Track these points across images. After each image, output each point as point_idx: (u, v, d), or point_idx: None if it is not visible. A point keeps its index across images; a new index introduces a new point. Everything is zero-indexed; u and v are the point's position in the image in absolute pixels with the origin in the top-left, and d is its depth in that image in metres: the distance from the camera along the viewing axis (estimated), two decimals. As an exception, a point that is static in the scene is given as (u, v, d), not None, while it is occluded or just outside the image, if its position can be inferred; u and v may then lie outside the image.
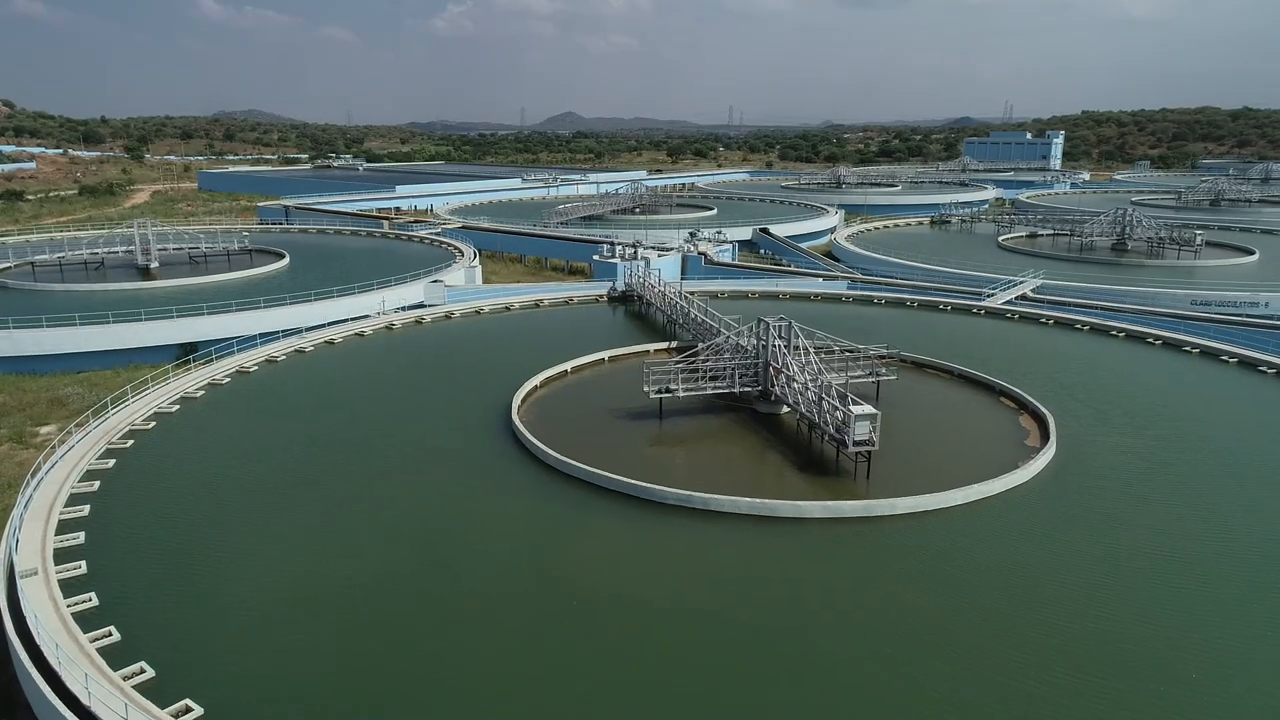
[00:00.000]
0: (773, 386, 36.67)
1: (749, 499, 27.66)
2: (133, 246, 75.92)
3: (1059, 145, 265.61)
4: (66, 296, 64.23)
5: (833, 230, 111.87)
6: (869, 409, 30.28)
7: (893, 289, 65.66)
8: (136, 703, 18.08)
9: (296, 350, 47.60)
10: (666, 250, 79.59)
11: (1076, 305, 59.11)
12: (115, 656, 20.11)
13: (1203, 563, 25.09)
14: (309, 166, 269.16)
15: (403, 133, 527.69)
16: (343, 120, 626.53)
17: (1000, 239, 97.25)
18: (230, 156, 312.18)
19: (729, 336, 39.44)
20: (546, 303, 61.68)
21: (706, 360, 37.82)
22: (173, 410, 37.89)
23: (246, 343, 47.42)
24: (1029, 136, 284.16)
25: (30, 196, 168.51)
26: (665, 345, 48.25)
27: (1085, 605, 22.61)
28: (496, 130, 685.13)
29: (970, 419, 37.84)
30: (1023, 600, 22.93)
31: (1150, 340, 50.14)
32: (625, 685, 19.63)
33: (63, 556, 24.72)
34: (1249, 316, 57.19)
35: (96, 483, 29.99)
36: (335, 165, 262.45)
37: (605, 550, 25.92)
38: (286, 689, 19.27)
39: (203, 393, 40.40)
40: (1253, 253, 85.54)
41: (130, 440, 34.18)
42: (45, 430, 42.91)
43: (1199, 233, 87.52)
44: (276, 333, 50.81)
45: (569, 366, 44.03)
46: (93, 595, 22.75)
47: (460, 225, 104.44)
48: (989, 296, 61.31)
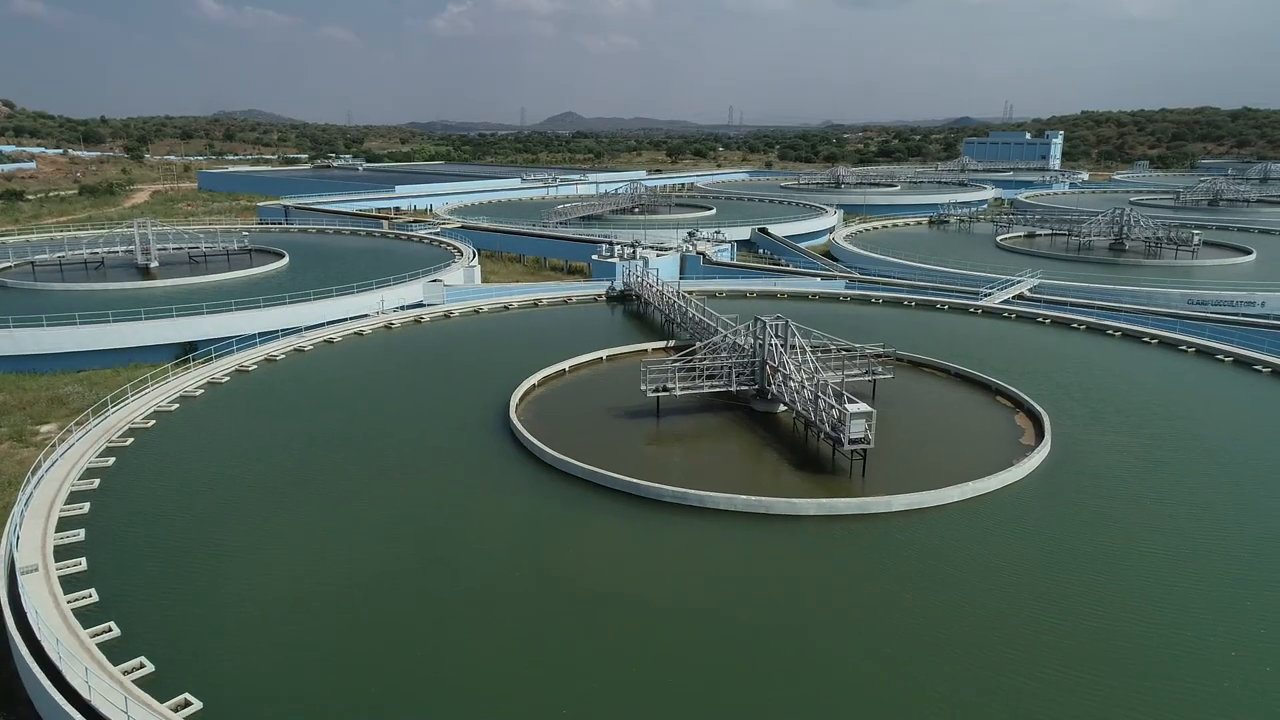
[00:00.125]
0: (769, 385, 36.83)
1: (745, 496, 27.82)
2: (132, 246, 76.16)
3: (1058, 145, 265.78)
4: (66, 296, 64.41)
5: (831, 230, 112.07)
6: (864, 407, 30.47)
7: (890, 288, 65.80)
8: (136, 696, 18.25)
9: (296, 349, 47.77)
10: (665, 250, 79.75)
11: (1073, 305, 59.25)
12: (115, 651, 20.29)
13: (1196, 561, 25.22)
14: (309, 166, 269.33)
15: (403, 133, 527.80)
16: (343, 120, 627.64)
17: (998, 239, 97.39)
18: (230, 156, 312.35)
19: (726, 335, 39.58)
20: (545, 302, 61.84)
21: (704, 359, 37.97)
22: (172, 409, 38.08)
23: (246, 342, 47.62)
24: (1028, 137, 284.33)
25: (30, 196, 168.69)
26: (663, 344, 48.40)
27: (1079, 603, 22.74)
28: (496, 130, 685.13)
29: (966, 417, 37.98)
30: (1016, 597, 23.09)
31: (1146, 339, 50.28)
32: (622, 681, 19.79)
33: (63, 553, 24.90)
34: (1245, 316, 57.32)
35: (96, 480, 30.15)
36: (335, 165, 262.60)
37: (603, 547, 26.08)
38: (285, 685, 19.43)
39: (202, 391, 40.59)
40: (1250, 252, 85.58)
41: (130, 438, 34.35)
42: (45, 429, 43.08)
43: (1196, 232, 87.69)
44: (276, 332, 51.05)
45: (567, 365, 44.19)
46: (93, 591, 22.92)
47: (459, 225, 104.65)
48: (986, 296, 61.45)
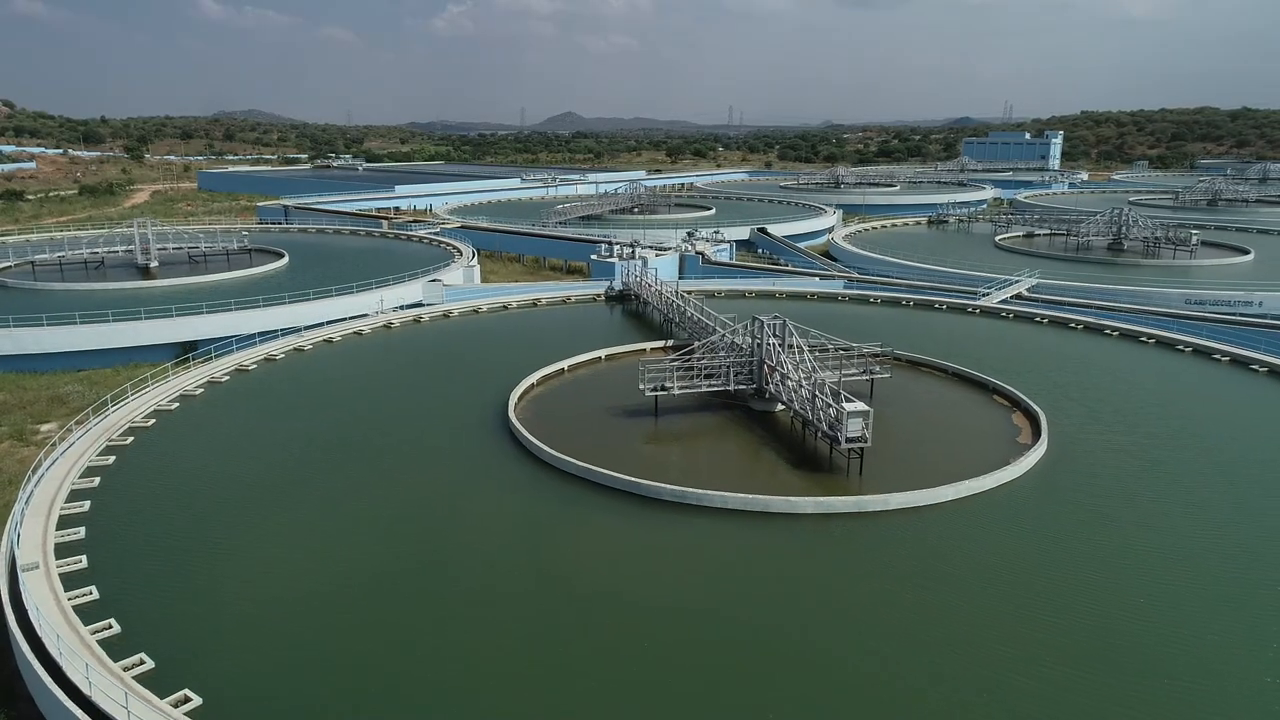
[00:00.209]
0: (767, 384, 36.95)
1: (742, 494, 27.96)
2: (132, 246, 76.24)
3: (1057, 145, 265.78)
4: (67, 295, 64.49)
5: (830, 230, 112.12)
6: (861, 406, 30.60)
7: (889, 288, 65.90)
8: (136, 692, 18.39)
9: (295, 349, 47.91)
10: (664, 250, 79.82)
11: (1071, 304, 59.35)
12: (115, 648, 20.42)
13: (1191, 559, 25.36)
14: (308, 166, 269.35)
15: (402, 133, 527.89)
16: (343, 120, 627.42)
17: (997, 239, 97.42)
18: (230, 156, 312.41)
19: (724, 335, 39.70)
20: (544, 302, 61.97)
21: (702, 358, 38.09)
22: (172, 408, 38.22)
23: (245, 341, 47.78)
24: (1028, 137, 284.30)
25: (30, 196, 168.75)
26: (661, 344, 48.50)
27: (1074, 601, 22.88)
28: (496, 130, 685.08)
29: (963, 416, 38.11)
30: (1012, 595, 23.22)
31: (1144, 339, 50.40)
32: (619, 679, 19.92)
33: (64, 551, 25.03)
34: (1242, 315, 57.41)
35: (97, 479, 30.28)
36: (335, 165, 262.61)
37: (601, 546, 26.21)
38: (284, 681, 19.57)
39: (202, 391, 40.72)
40: (1248, 252, 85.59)
41: (130, 437, 34.48)
42: (46, 428, 43.18)
43: (1195, 232, 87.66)
44: (275, 331, 51.18)
45: (566, 365, 44.31)
46: (93, 589, 23.05)
47: (459, 225, 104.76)
48: (984, 296, 61.55)
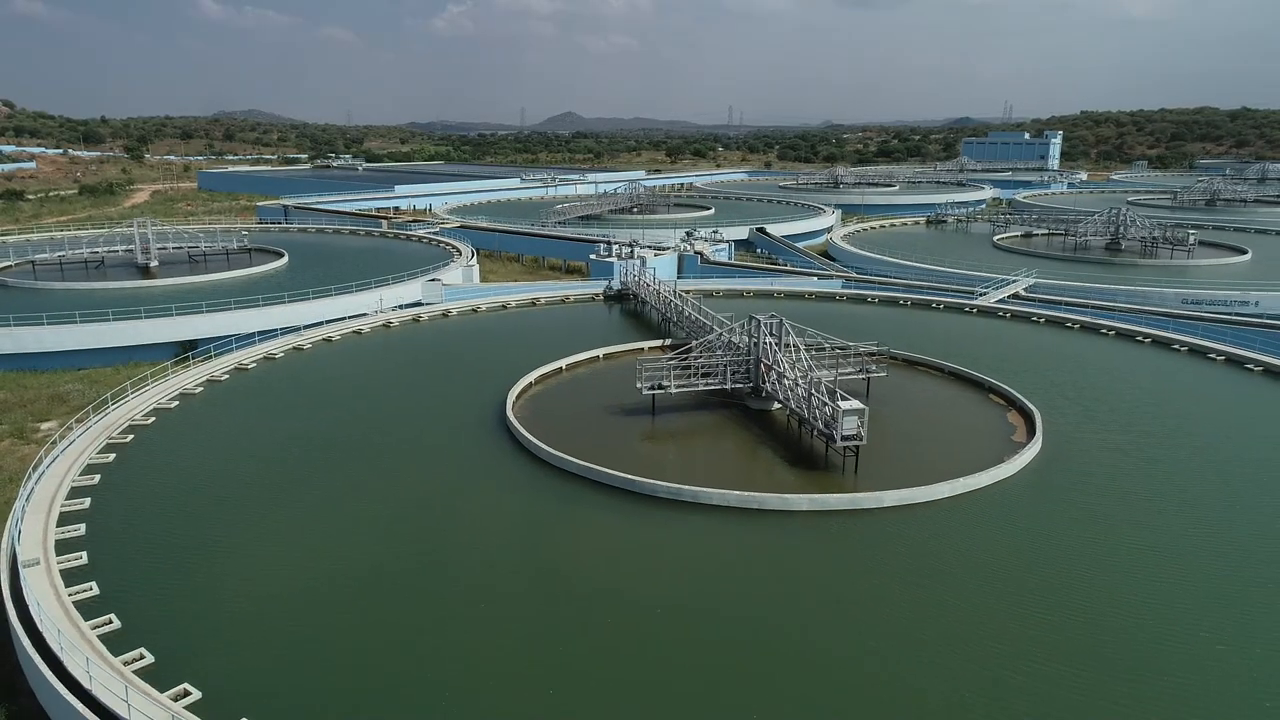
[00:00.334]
0: (764, 383, 37.14)
1: (737, 492, 28.14)
2: (132, 246, 76.43)
3: (1057, 145, 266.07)
4: (67, 295, 64.68)
5: (829, 230, 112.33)
6: (856, 404, 30.78)
7: (886, 288, 66.10)
8: (136, 686, 18.57)
9: (295, 348, 48.09)
10: (663, 250, 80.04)
11: (1068, 304, 59.52)
12: (116, 643, 20.60)
13: (1184, 556, 25.52)
14: (308, 166, 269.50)
15: (402, 133, 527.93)
16: (343, 120, 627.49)
17: (995, 238, 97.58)
18: (230, 156, 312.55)
19: (721, 334, 39.90)
20: (543, 301, 62.15)
21: (699, 357, 38.27)
22: (172, 406, 38.41)
23: (245, 340, 47.99)
24: (1027, 137, 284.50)
25: (30, 196, 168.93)
26: (659, 343, 48.67)
27: (1067, 597, 23.04)
28: (496, 130, 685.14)
29: (959, 415, 38.27)
30: (1005, 592, 23.39)
31: (1140, 338, 50.57)
32: (615, 675, 20.09)
33: (64, 547, 25.22)
34: (1238, 315, 57.58)
35: (97, 477, 30.48)
36: (334, 165, 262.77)
37: (598, 542, 26.39)
38: (283, 676, 19.75)
39: (202, 389, 40.90)
40: (1245, 252, 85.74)
41: (130, 435, 34.67)
42: (46, 426, 43.36)
43: (1192, 232, 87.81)
44: (275, 330, 51.39)
45: (564, 364, 44.49)
46: (93, 585, 23.24)
47: (458, 225, 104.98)
48: (982, 295, 61.75)
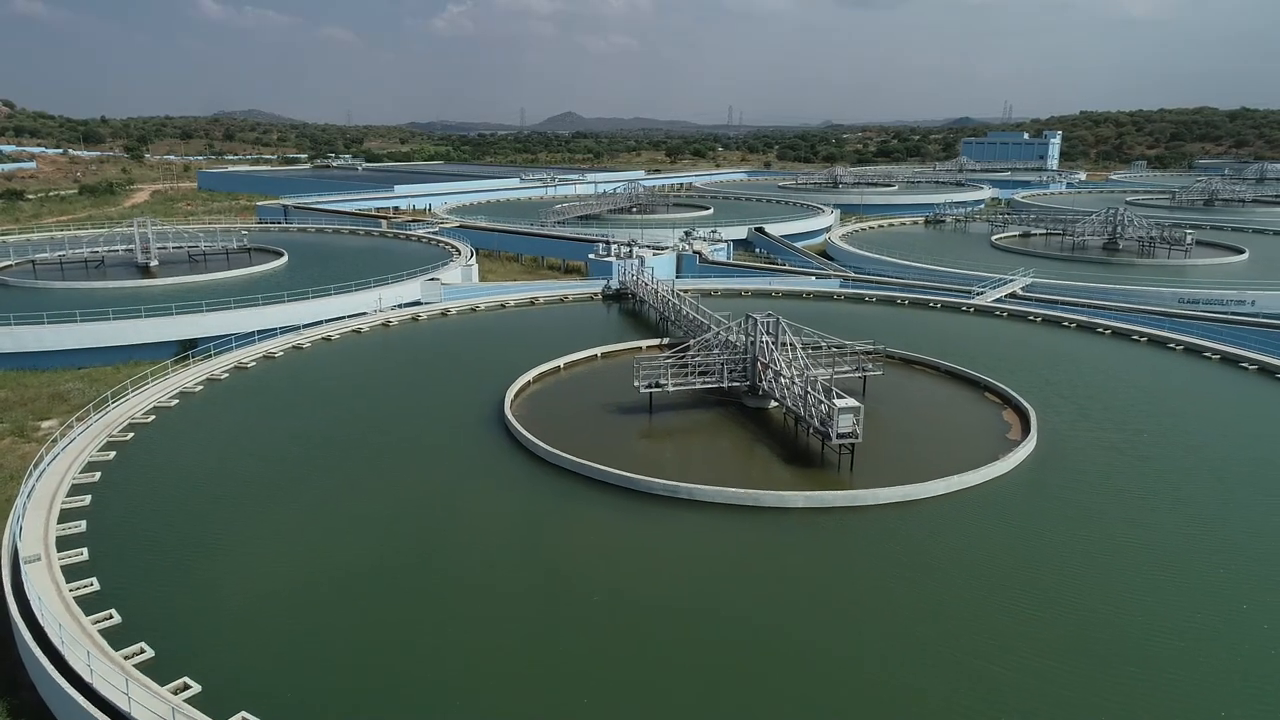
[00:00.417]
0: (761, 381, 37.34)
1: (734, 489, 28.34)
2: (132, 245, 76.61)
3: (1056, 145, 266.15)
4: (67, 294, 64.86)
5: (828, 230, 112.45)
6: (852, 402, 30.98)
7: (884, 287, 66.29)
8: (137, 679, 18.78)
9: (294, 347, 48.28)
10: (662, 249, 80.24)
11: (1065, 303, 59.71)
12: (116, 637, 20.82)
13: (1176, 554, 25.70)
14: (308, 166, 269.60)
15: (402, 133, 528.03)
16: (342, 120, 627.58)
17: (993, 238, 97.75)
18: (230, 156, 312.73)
19: (719, 332, 40.10)
20: (541, 300, 62.36)
21: (696, 356, 38.47)
22: (172, 405, 38.61)
23: (245, 339, 48.20)
24: (1026, 137, 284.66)
25: (30, 196, 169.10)
26: (657, 342, 48.85)
27: (1059, 593, 23.24)
28: (496, 130, 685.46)
29: (955, 413, 38.47)
30: (997, 588, 23.60)
31: (1136, 338, 50.78)
32: (611, 669, 20.29)
33: (65, 544, 25.43)
34: (1234, 314, 57.77)
35: (97, 474, 30.68)
36: (334, 165, 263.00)
37: (594, 539, 26.57)
38: (282, 670, 19.95)
39: (201, 388, 41.11)
40: (1242, 252, 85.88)
41: (130, 433, 34.87)
42: (47, 425, 43.54)
43: (1190, 232, 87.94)
44: (275, 329, 51.56)
45: (562, 363, 44.69)
46: (94, 580, 23.45)
47: (458, 224, 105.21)
48: (979, 295, 61.94)
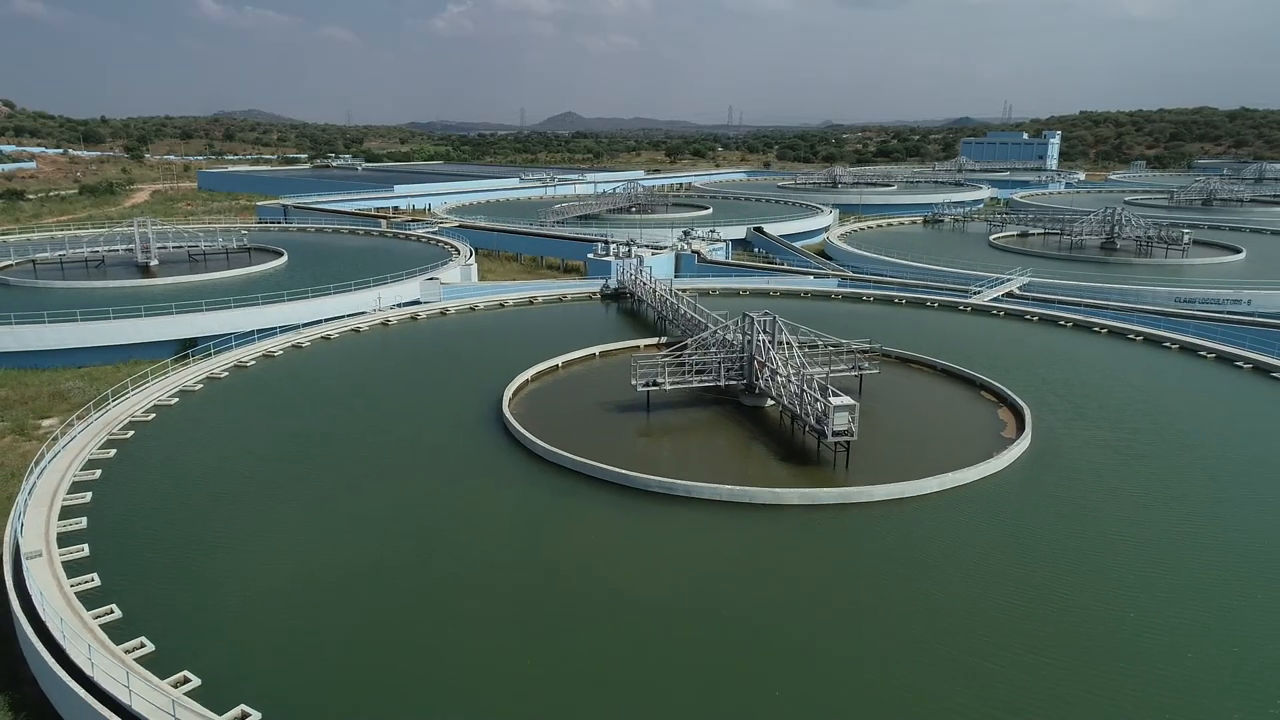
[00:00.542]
0: (757, 380, 37.55)
1: (729, 486, 28.54)
2: (133, 245, 76.87)
3: (1055, 145, 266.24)
4: (67, 293, 65.11)
5: (827, 229, 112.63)
6: (847, 400, 31.19)
7: (882, 286, 66.50)
8: (137, 673, 18.99)
9: (294, 346, 48.49)
10: (660, 249, 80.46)
11: (1062, 302, 59.91)
12: (117, 632, 21.04)
13: (1167, 551, 25.88)
14: (308, 166, 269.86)
15: (402, 133, 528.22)
16: (342, 120, 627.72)
17: (991, 238, 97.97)
18: (230, 156, 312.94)
19: (716, 331, 40.31)
20: (540, 300, 62.57)
21: (693, 355, 38.67)
22: (172, 403, 38.83)
23: (244, 338, 48.44)
24: (1025, 137, 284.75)
25: (31, 196, 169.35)
26: (655, 341, 49.07)
27: (1050, 589, 23.44)
28: (496, 130, 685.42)
29: (950, 412, 38.67)
30: (989, 583, 23.81)
31: (1131, 336, 51.00)
32: (606, 663, 20.51)
33: (66, 540, 25.65)
34: (1229, 313, 57.97)
35: (98, 471, 30.90)
36: (334, 165, 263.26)
37: (591, 535, 26.78)
38: (281, 666, 20.14)
39: (201, 386, 41.33)
40: (1240, 251, 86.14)
41: (130, 431, 35.09)
42: (47, 423, 43.75)
43: (1187, 231, 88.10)
44: (274, 329, 51.79)
45: (560, 361, 44.90)
46: (94, 576, 23.66)
47: (457, 224, 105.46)
48: (976, 294, 62.16)
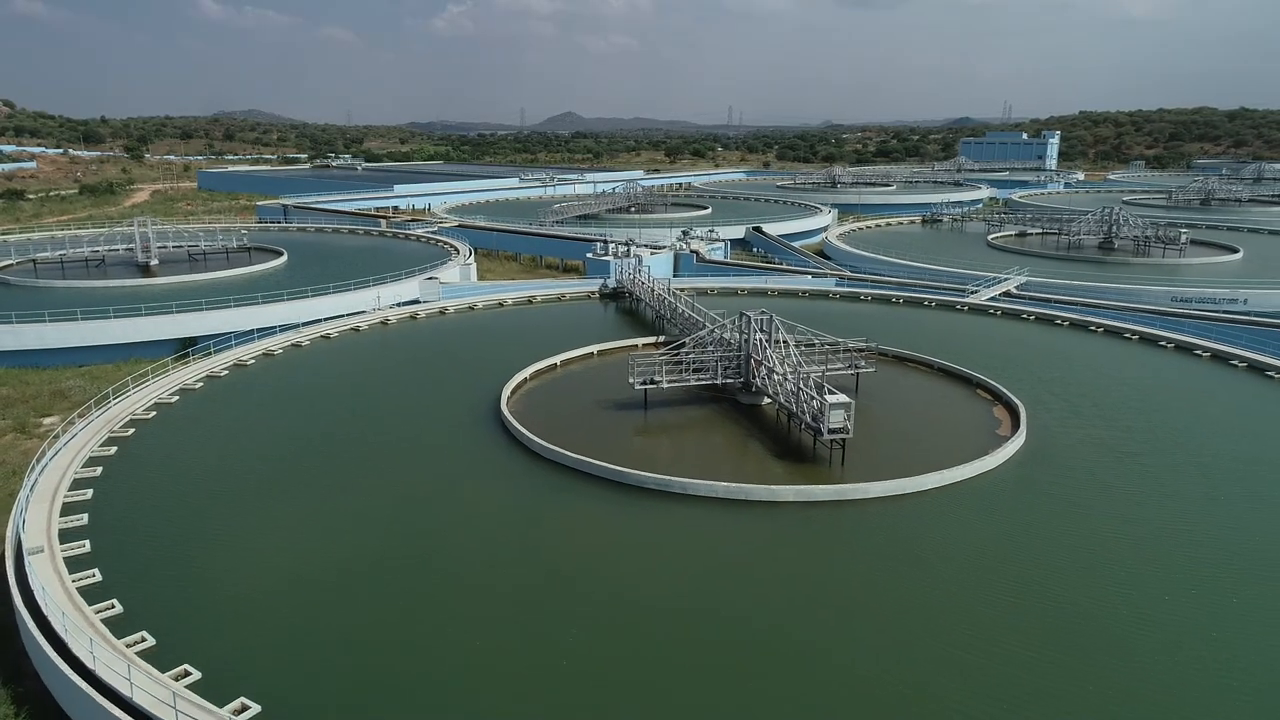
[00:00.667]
0: (754, 378, 37.77)
1: (725, 483, 28.75)
2: (133, 244, 77.05)
3: (1054, 145, 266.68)
4: (68, 292, 65.30)
5: (825, 229, 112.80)
6: (843, 398, 31.42)
7: (879, 286, 66.71)
8: (139, 666, 19.21)
9: (293, 344, 48.69)
10: (659, 248, 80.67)
11: (1058, 301, 60.10)
12: (118, 626, 21.24)
13: (1159, 547, 26.07)
14: (308, 166, 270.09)
15: (402, 133, 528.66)
16: (342, 120, 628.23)
17: (989, 238, 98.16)
18: (230, 156, 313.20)
19: (713, 330, 40.54)
20: (539, 299, 62.80)
21: (691, 353, 38.92)
22: (172, 401, 39.04)
23: (244, 337, 48.61)
24: (1024, 137, 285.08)
25: (31, 196, 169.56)
26: (653, 340, 49.29)
27: (1042, 585, 23.62)
28: (496, 130, 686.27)
29: (946, 410, 38.87)
30: (983, 580, 24.00)
31: (1127, 335, 51.22)
32: (602, 659, 20.71)
33: (67, 536, 25.85)
34: (1225, 312, 58.18)
35: (99, 469, 31.11)
36: (334, 165, 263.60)
37: (588, 532, 26.98)
38: (281, 660, 20.34)
39: (201, 385, 41.53)
40: (1237, 251, 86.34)
41: (131, 429, 35.30)
42: (48, 421, 43.97)
43: (1184, 231, 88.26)
44: (274, 328, 51.96)
45: (558, 360, 45.12)
46: (96, 571, 23.86)
47: (456, 224, 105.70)
48: (973, 293, 62.37)
